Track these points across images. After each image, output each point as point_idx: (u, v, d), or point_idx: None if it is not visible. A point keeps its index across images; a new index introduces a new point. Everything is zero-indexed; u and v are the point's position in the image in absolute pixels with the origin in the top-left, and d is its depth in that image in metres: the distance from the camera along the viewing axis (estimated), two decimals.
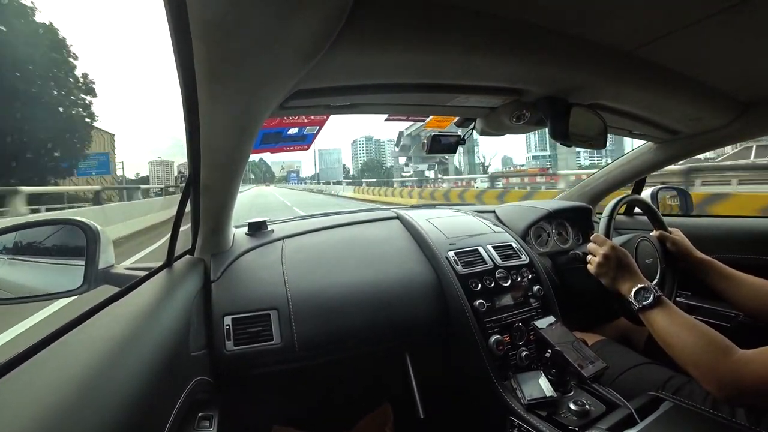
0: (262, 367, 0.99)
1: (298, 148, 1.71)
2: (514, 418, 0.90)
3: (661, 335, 0.80)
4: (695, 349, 0.74)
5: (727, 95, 1.00)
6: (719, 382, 0.70)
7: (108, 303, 0.67)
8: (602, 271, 0.94)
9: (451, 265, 1.14)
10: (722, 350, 0.72)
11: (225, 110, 0.62)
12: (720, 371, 0.70)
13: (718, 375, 0.70)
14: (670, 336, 0.78)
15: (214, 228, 1.05)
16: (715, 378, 0.71)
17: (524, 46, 0.67)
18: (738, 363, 0.69)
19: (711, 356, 0.72)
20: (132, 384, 0.51)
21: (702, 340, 0.74)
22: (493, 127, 1.03)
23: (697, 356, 0.73)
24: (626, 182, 1.61)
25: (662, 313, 0.81)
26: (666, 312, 0.81)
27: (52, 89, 12.81)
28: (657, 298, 0.83)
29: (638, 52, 0.74)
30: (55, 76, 13.47)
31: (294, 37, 0.47)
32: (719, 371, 0.70)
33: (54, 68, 13.42)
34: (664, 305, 0.82)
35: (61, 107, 13.03)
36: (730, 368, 0.70)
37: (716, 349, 0.73)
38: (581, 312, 1.25)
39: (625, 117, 1.08)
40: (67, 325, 0.56)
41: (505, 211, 1.57)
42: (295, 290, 1.02)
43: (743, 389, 0.68)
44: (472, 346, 1.03)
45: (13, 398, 0.40)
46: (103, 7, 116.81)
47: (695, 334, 0.76)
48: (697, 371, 0.73)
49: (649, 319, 0.83)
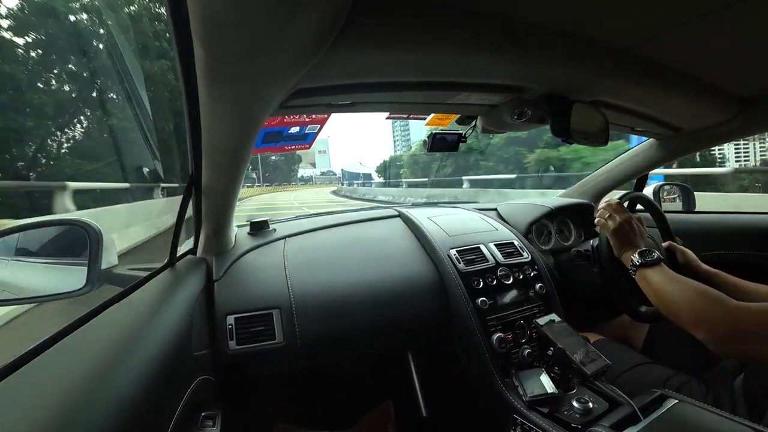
0: (265, 366, 1.00)
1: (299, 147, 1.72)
2: (516, 415, 0.91)
3: (658, 290, 0.84)
4: (691, 298, 0.77)
5: (728, 92, 1.00)
6: (715, 327, 0.73)
7: (111, 303, 0.67)
8: (616, 235, 0.98)
9: (453, 263, 1.14)
10: (718, 298, 0.75)
11: (226, 110, 0.62)
12: (717, 316, 0.73)
13: (715, 319, 0.73)
14: (667, 291, 0.82)
15: (216, 228, 1.06)
16: (712, 322, 0.73)
17: (525, 43, 0.67)
18: (737, 308, 0.72)
19: (708, 304, 0.75)
20: (135, 383, 0.51)
21: (697, 290, 0.78)
22: (494, 124, 1.03)
23: (694, 304, 0.76)
24: (628, 179, 1.60)
25: (661, 272, 0.86)
26: (664, 272, 0.87)
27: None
28: (659, 258, 0.89)
29: (638, 50, 0.74)
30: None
31: (295, 36, 0.47)
32: (716, 316, 0.73)
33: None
34: (663, 267, 0.88)
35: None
36: (728, 313, 0.72)
37: (712, 297, 0.76)
38: (582, 309, 1.25)
39: (627, 113, 1.07)
40: (70, 325, 0.57)
41: (506, 208, 1.57)
42: (297, 289, 1.02)
43: (743, 332, 0.70)
44: (474, 344, 1.03)
45: (17, 398, 0.40)
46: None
47: (691, 286, 0.80)
48: (693, 319, 0.76)
49: (647, 277, 0.88)
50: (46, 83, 10.13)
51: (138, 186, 8.00)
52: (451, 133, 1.15)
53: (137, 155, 7.93)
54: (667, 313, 0.82)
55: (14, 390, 0.41)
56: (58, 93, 10.29)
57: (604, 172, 1.64)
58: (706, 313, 0.74)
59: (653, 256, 0.89)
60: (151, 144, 5.30)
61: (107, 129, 10.35)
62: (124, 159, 8.40)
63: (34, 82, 9.88)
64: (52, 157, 10.63)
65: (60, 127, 10.40)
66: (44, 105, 10.01)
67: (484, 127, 1.07)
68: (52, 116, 10.16)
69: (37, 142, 10.14)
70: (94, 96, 10.50)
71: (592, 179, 1.70)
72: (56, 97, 10.23)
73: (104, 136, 10.45)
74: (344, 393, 1.39)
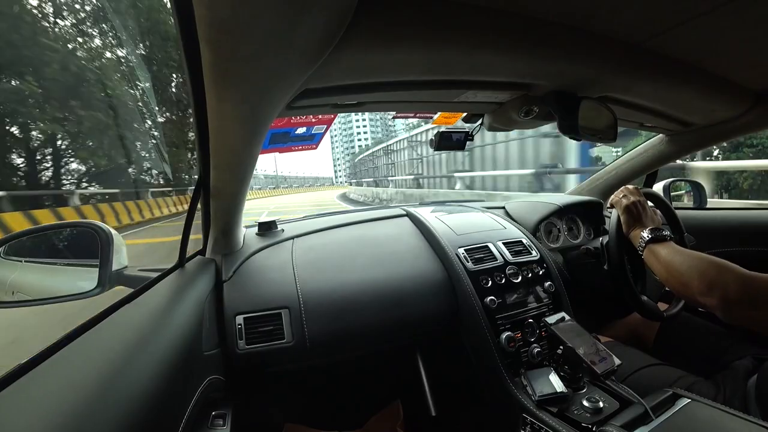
0: (274, 366, 1.00)
1: (306, 147, 1.73)
2: (526, 414, 0.90)
3: (668, 263, 0.85)
4: (702, 266, 0.78)
5: (740, 85, 0.98)
6: (726, 292, 0.73)
7: (122, 304, 0.68)
8: (628, 211, 1.01)
9: (461, 262, 1.13)
10: (728, 265, 0.75)
11: (234, 112, 0.63)
12: (728, 282, 0.73)
13: (726, 285, 0.73)
14: (676, 261, 0.83)
15: (224, 228, 1.06)
16: (723, 288, 0.73)
17: (532, 40, 0.66)
18: (748, 275, 0.73)
19: (719, 270, 0.75)
20: (146, 384, 0.52)
21: (707, 258, 0.79)
22: (501, 122, 1.03)
23: (704, 272, 0.77)
24: (637, 175, 1.58)
25: (669, 247, 0.88)
26: (672, 246, 0.89)
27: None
28: (668, 236, 0.92)
29: (648, 44, 0.73)
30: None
31: (301, 37, 0.47)
32: (728, 282, 0.73)
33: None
34: (671, 242, 0.90)
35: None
36: (739, 279, 0.72)
37: (722, 265, 0.76)
38: (591, 308, 1.24)
39: (636, 109, 1.06)
40: (82, 326, 0.57)
41: (515, 206, 1.56)
42: (305, 289, 1.03)
43: (754, 299, 0.71)
44: (483, 343, 1.03)
45: (31, 399, 0.41)
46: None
47: (700, 255, 0.81)
48: (703, 285, 0.76)
49: (655, 251, 0.89)
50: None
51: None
52: (457, 131, 1.14)
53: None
54: (677, 284, 0.82)
55: (28, 391, 0.42)
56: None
57: (614, 168, 1.62)
58: (717, 280, 0.74)
59: (663, 232, 0.91)
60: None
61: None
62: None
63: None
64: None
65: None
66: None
67: (491, 125, 1.06)
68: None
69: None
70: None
71: (601, 176, 1.68)
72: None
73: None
74: (353, 393, 1.39)
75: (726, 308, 0.72)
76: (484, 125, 1.09)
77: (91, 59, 11.15)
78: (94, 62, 11.06)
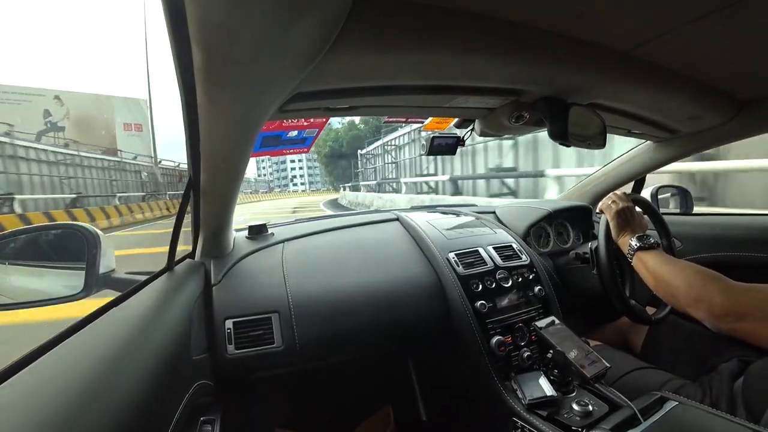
0: (264, 371, 0.99)
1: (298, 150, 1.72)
2: (516, 418, 0.90)
3: (656, 272, 0.86)
4: (689, 278, 0.79)
5: (725, 93, 1.00)
6: (713, 304, 0.74)
7: (109, 308, 0.67)
8: (617, 217, 1.02)
9: (451, 267, 1.13)
10: (715, 277, 0.77)
11: (225, 114, 0.62)
12: (715, 294, 0.75)
13: (713, 298, 0.75)
14: (664, 272, 0.85)
15: (214, 232, 1.05)
16: (710, 300, 0.75)
17: (522, 47, 0.67)
18: (735, 287, 0.74)
19: (706, 282, 0.77)
20: (133, 389, 0.51)
21: (694, 269, 0.80)
22: (492, 127, 1.04)
23: (692, 283, 0.78)
24: (626, 182, 1.60)
25: (658, 255, 0.89)
26: (661, 254, 0.90)
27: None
28: (657, 243, 0.93)
29: (635, 52, 0.74)
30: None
31: (293, 41, 0.47)
32: (715, 294, 0.75)
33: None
34: (660, 251, 0.91)
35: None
36: (726, 291, 0.74)
37: (709, 276, 0.78)
38: (580, 312, 1.25)
39: (624, 116, 1.08)
40: (67, 330, 0.56)
41: (505, 211, 1.57)
42: (296, 293, 1.02)
43: (741, 310, 0.72)
44: (473, 348, 1.03)
45: (14, 404, 0.40)
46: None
47: (688, 266, 0.82)
48: (691, 297, 0.77)
49: (644, 259, 0.91)
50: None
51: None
52: (449, 136, 1.15)
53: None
54: (665, 294, 0.83)
55: (10, 395, 0.41)
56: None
57: (602, 174, 1.64)
58: (704, 291, 0.76)
59: (650, 240, 0.92)
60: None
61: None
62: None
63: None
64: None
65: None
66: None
67: (482, 131, 1.07)
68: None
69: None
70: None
71: (590, 182, 1.70)
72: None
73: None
74: (343, 398, 1.38)
75: (712, 321, 0.74)
76: (475, 131, 1.10)
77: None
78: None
